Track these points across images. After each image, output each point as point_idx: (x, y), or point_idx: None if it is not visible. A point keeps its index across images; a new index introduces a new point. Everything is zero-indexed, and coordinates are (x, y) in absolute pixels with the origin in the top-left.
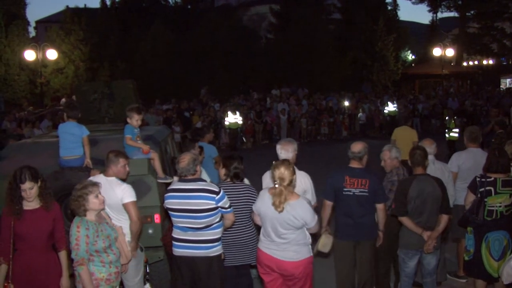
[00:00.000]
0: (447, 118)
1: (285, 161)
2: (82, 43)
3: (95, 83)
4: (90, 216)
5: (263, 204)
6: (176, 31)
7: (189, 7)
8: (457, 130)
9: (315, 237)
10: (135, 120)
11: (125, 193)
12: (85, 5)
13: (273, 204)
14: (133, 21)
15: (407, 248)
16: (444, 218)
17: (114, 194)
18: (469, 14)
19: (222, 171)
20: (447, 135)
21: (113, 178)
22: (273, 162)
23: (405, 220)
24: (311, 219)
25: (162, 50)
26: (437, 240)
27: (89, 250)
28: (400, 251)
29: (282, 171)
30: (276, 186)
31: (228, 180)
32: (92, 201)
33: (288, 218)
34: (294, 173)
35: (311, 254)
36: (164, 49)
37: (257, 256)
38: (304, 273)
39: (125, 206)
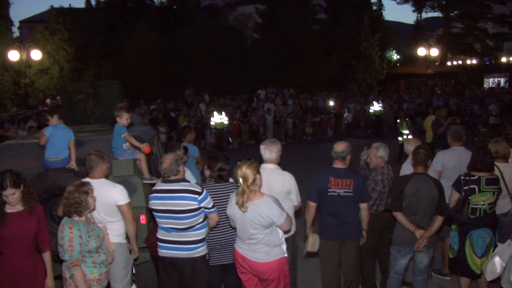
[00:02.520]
0: (398, 120)
1: (247, 161)
2: (67, 43)
3: (80, 84)
4: (82, 216)
5: (232, 206)
6: (161, 31)
7: (174, 7)
8: (407, 132)
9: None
10: (124, 118)
11: (120, 195)
12: (69, 5)
13: (237, 204)
14: (118, 21)
15: (400, 245)
16: (438, 219)
17: (107, 195)
18: (453, 14)
19: (207, 172)
20: (400, 138)
21: (103, 180)
22: (237, 163)
23: (399, 216)
24: (278, 217)
25: (147, 50)
26: (429, 240)
27: (82, 251)
28: (393, 248)
29: (244, 170)
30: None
31: (213, 180)
32: (89, 202)
33: (254, 217)
34: (257, 172)
35: (285, 255)
36: (150, 49)
37: (234, 255)
38: (276, 274)
39: (120, 207)
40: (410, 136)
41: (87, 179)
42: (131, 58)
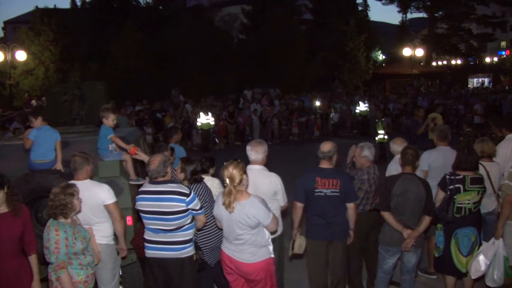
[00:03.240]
0: (376, 120)
1: (234, 161)
2: (52, 44)
3: (65, 85)
4: (67, 218)
5: (218, 207)
6: (147, 32)
7: (160, 7)
8: (382, 132)
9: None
10: (111, 120)
11: (107, 194)
12: (55, 5)
13: (224, 204)
14: (104, 21)
15: (388, 245)
16: (426, 219)
17: (94, 195)
18: (438, 15)
19: (181, 176)
20: (376, 138)
21: (88, 180)
22: (224, 163)
23: (387, 215)
24: (264, 218)
25: (133, 51)
26: (417, 240)
27: (68, 253)
28: (381, 247)
29: (231, 171)
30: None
31: (186, 183)
32: (75, 204)
33: (241, 217)
34: (244, 172)
35: (271, 256)
36: (136, 50)
37: (220, 256)
38: (262, 275)
39: (107, 206)
40: (385, 136)
41: (72, 181)
42: (117, 58)
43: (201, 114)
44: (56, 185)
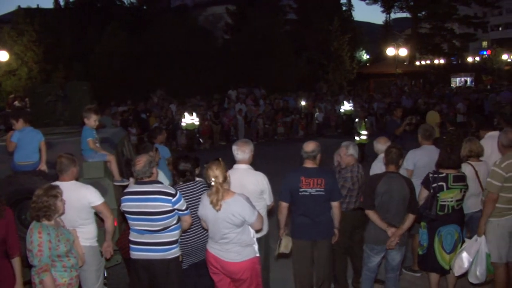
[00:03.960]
0: (357, 120)
1: (216, 161)
2: (35, 44)
3: (49, 85)
4: (51, 220)
5: (204, 207)
6: (132, 32)
7: (144, 7)
8: (366, 133)
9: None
10: (93, 120)
11: (94, 195)
12: (37, 5)
13: (211, 202)
14: (88, 21)
15: (373, 243)
16: (410, 218)
17: (80, 197)
18: (421, 15)
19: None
20: (357, 138)
21: (73, 182)
22: (205, 164)
23: (371, 213)
24: (250, 215)
25: (117, 51)
26: (401, 238)
27: (52, 256)
28: (366, 246)
29: (215, 170)
30: (212, 184)
31: (181, 181)
32: (58, 205)
33: (227, 216)
34: (226, 170)
35: (256, 255)
36: (120, 50)
37: (206, 256)
38: (248, 274)
39: (97, 207)
40: (366, 137)
41: (57, 182)
42: (101, 59)
43: (186, 114)
44: (39, 187)
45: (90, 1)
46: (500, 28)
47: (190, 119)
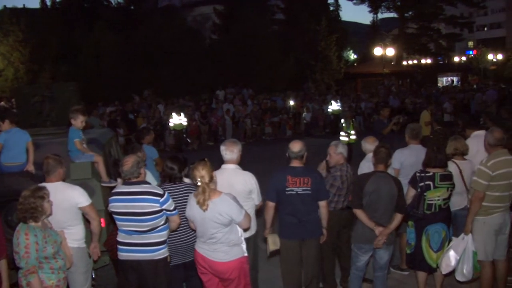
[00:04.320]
0: (342, 120)
1: (201, 161)
2: (21, 44)
3: (36, 86)
4: (38, 222)
5: (191, 207)
6: (119, 32)
7: (132, 7)
8: (353, 132)
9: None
10: (79, 121)
11: (82, 197)
12: (23, 5)
13: (198, 202)
14: (75, 22)
15: (361, 243)
16: (398, 217)
17: (68, 198)
18: (408, 15)
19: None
20: (346, 139)
21: (60, 183)
22: (191, 165)
23: (359, 212)
24: (237, 214)
25: (105, 51)
26: (389, 237)
27: (39, 257)
28: (354, 245)
29: (201, 170)
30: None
31: (167, 181)
32: (45, 207)
33: (214, 215)
34: (212, 170)
35: (245, 254)
36: (107, 50)
37: (194, 256)
38: (236, 273)
39: (84, 209)
40: (354, 137)
41: (44, 184)
42: (88, 59)
43: (174, 114)
44: (26, 188)
45: (77, 1)
46: (485, 28)
47: (178, 120)
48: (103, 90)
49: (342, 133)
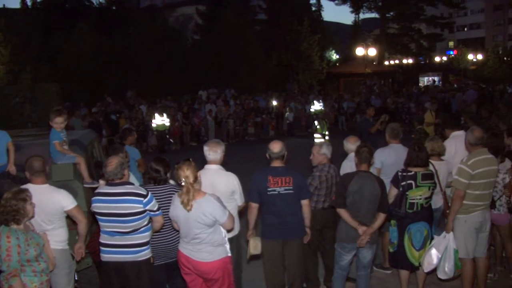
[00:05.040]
0: (316, 122)
1: (186, 161)
2: (1, 45)
3: (16, 87)
4: (20, 224)
5: (175, 208)
6: (100, 33)
7: (114, 8)
8: (327, 133)
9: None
10: (55, 123)
11: (67, 200)
12: (4, 5)
13: (182, 203)
14: (56, 22)
15: (344, 242)
16: (380, 217)
17: (53, 201)
18: (389, 15)
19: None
20: (322, 140)
21: (47, 185)
22: (175, 165)
23: (342, 212)
24: (221, 215)
25: (86, 52)
26: (372, 236)
27: (21, 260)
28: (337, 244)
29: (186, 171)
30: (183, 185)
31: (152, 182)
32: (27, 209)
33: (198, 216)
34: (197, 171)
35: (228, 254)
36: (89, 51)
37: (177, 256)
38: (220, 273)
39: (70, 211)
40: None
41: (29, 185)
42: (70, 60)
43: (156, 115)
44: (7, 190)
45: (58, 1)
46: (465, 29)
47: (160, 120)
48: (84, 91)
49: (316, 135)
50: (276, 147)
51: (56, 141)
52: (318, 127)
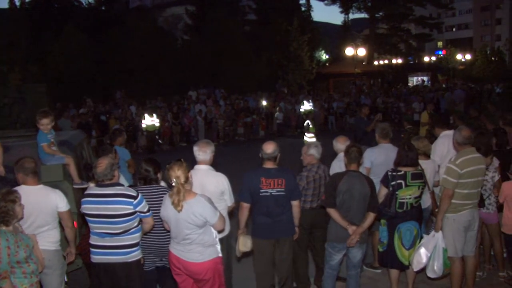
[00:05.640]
0: (308, 121)
1: (177, 161)
2: None
3: (5, 88)
4: (9, 226)
5: (166, 208)
6: (90, 33)
7: (103, 8)
8: (313, 135)
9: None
10: (41, 125)
11: (62, 201)
12: None
13: (172, 203)
14: (45, 22)
15: (334, 242)
16: (370, 216)
17: (49, 201)
18: (378, 15)
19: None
20: (314, 139)
21: (41, 186)
22: (167, 165)
23: (332, 212)
24: (211, 216)
25: (75, 52)
26: (362, 235)
27: (11, 262)
28: (327, 244)
29: (177, 171)
30: (174, 185)
31: (142, 182)
32: (17, 210)
33: (188, 216)
34: (188, 171)
35: (219, 255)
36: (78, 52)
37: (168, 257)
38: (210, 274)
39: (62, 214)
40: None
41: (22, 187)
42: (58, 60)
43: (146, 115)
44: None
45: (47, 1)
46: (454, 29)
47: (150, 121)
48: (74, 92)
49: (309, 134)
50: (269, 148)
51: (44, 144)
52: (311, 126)
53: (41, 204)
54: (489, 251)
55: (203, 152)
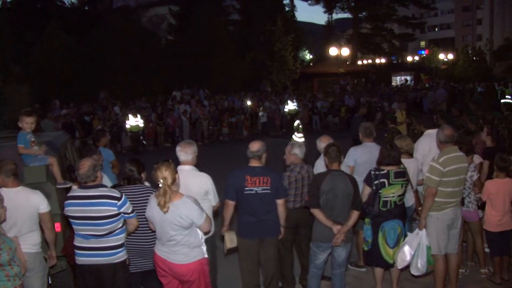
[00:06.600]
0: (298, 121)
1: (165, 162)
2: None
3: None
4: None
5: (151, 208)
6: (73, 33)
7: (86, 8)
8: (301, 135)
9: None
10: (25, 123)
11: (43, 202)
12: None
13: (158, 204)
14: (27, 22)
15: (319, 241)
16: (354, 214)
17: (30, 203)
18: (362, 15)
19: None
20: (303, 139)
21: (21, 187)
22: (154, 165)
23: (316, 212)
24: (198, 217)
25: (58, 53)
26: (347, 234)
27: None
28: (312, 243)
29: (164, 172)
30: (160, 186)
31: (126, 182)
32: (0, 212)
33: (174, 218)
34: (176, 172)
35: (205, 256)
36: (61, 52)
37: (154, 258)
38: (196, 275)
39: (43, 215)
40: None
41: (2, 189)
42: (41, 61)
43: (130, 116)
44: None
45: (29, 1)
46: (436, 29)
47: (134, 121)
48: (57, 92)
49: (298, 134)
50: (254, 146)
51: (21, 145)
52: (301, 126)
53: (22, 207)
54: (472, 249)
55: (184, 152)
